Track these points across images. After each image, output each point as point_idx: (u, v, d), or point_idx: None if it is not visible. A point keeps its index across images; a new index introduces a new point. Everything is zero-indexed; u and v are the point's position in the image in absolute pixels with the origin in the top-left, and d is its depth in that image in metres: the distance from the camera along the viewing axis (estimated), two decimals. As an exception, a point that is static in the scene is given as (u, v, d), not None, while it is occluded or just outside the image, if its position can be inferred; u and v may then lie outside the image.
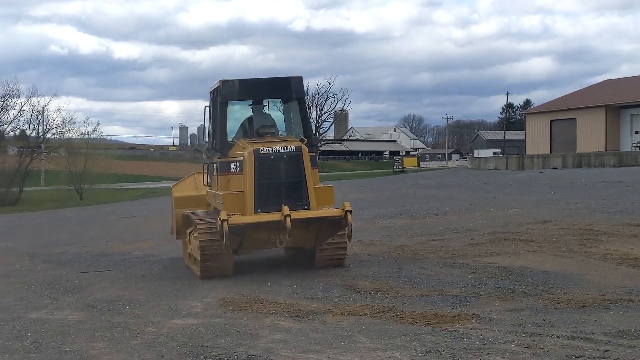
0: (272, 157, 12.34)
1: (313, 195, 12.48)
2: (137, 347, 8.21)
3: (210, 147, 14.01)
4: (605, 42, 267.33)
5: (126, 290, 12.18)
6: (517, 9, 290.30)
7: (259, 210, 12.19)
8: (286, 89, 13.71)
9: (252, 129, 13.62)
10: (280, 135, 13.76)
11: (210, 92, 14.10)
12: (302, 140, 12.93)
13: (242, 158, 12.43)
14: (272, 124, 13.79)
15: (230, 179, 12.79)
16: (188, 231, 14.22)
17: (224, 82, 13.27)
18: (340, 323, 9.02)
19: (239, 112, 14.24)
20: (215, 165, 13.59)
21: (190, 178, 16.02)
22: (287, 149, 12.44)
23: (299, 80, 13.64)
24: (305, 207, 12.38)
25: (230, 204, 12.24)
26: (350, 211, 12.28)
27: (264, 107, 14.08)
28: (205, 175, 14.50)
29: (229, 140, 13.32)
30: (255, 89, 13.70)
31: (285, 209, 11.89)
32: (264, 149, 12.41)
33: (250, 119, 13.86)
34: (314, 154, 12.95)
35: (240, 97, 13.61)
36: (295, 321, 9.23)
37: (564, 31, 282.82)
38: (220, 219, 11.74)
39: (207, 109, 14.15)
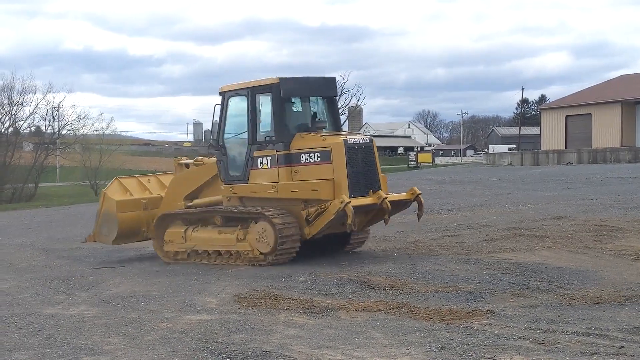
0: (356, 147, 13.46)
1: (381, 182, 13.73)
2: (151, 343, 8.24)
3: (250, 141, 14.09)
4: (621, 37, 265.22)
5: (141, 285, 12.23)
6: (533, 4, 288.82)
7: (352, 196, 13.07)
8: (331, 87, 14.86)
9: (296, 124, 14.19)
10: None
11: (260, 87, 14.16)
12: None
13: (328, 148, 13.27)
14: (323, 119, 14.56)
15: (299, 169, 13.53)
16: (179, 230, 14.65)
17: (284, 80, 13.93)
18: (354, 319, 9.02)
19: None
20: (268, 158, 13.80)
21: (117, 183, 16.28)
22: (363, 141, 13.75)
23: (335, 80, 15.03)
24: (380, 192, 13.53)
25: (326, 190, 13.10)
26: (420, 194, 14.10)
27: (292, 104, 14.50)
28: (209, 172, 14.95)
29: (224, 137, 14.46)
30: (309, 87, 14.57)
31: (382, 193, 13.32)
32: (350, 140, 13.51)
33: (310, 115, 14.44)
34: None
35: (298, 94, 14.34)
36: (309, 317, 9.24)
37: (580, 26, 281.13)
38: (342, 202, 12.72)
39: (218, 106, 14.55)
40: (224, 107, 14.49)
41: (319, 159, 13.36)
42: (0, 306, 10.96)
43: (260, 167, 13.90)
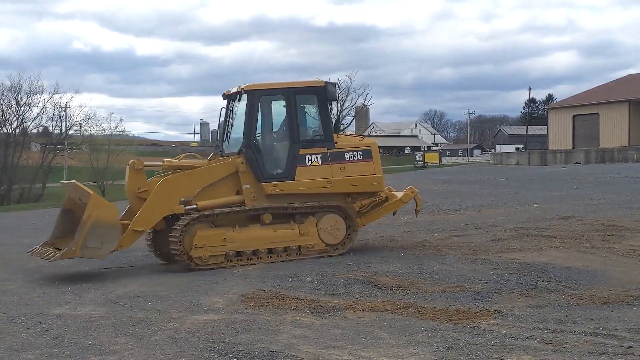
0: None
1: None
2: (159, 343, 8.24)
3: (293, 139, 14.45)
4: (630, 36, 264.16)
5: (148, 286, 12.23)
6: (541, 3, 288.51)
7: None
8: None
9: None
10: None
11: (303, 89, 14.86)
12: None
13: (369, 147, 14.94)
14: None
15: (345, 166, 14.66)
16: (216, 232, 13.77)
17: (328, 83, 14.94)
18: (361, 319, 9.01)
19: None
20: (318, 155, 14.51)
21: (72, 187, 14.63)
22: None
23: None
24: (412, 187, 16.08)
25: (381, 184, 15.06)
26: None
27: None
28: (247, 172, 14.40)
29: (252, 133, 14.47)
30: (336, 91, 15.73)
31: (414, 188, 15.77)
32: None
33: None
34: None
35: (334, 97, 15.31)
36: (316, 317, 9.23)
37: (589, 25, 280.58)
38: (412, 192, 15.57)
39: (250, 106, 14.46)
40: (254, 106, 14.40)
41: (361, 156, 14.74)
42: (8, 306, 10.98)
43: (309, 165, 14.41)
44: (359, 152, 14.74)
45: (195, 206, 13.99)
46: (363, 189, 14.78)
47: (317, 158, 14.50)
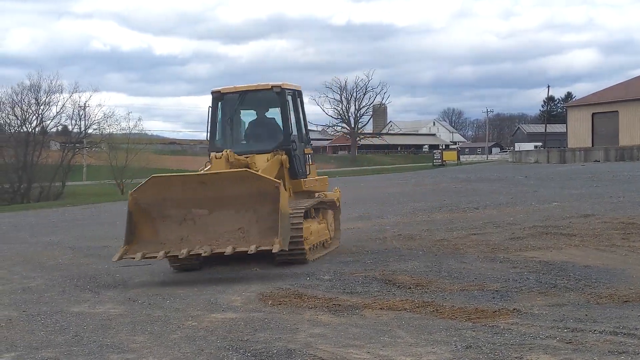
0: None
1: None
2: (177, 341, 8.25)
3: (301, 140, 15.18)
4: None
5: (166, 284, 12.27)
6: (561, 1, 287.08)
7: None
8: None
9: None
10: None
11: (296, 91, 15.30)
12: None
13: (312, 152, 15.75)
14: None
15: (310, 167, 15.60)
16: (307, 225, 13.54)
17: None
18: (379, 318, 8.98)
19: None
20: (310, 155, 15.55)
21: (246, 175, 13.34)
22: None
23: None
24: None
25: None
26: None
27: None
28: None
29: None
30: None
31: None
32: None
33: None
34: None
35: None
36: (334, 316, 9.21)
37: (608, 23, 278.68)
38: (338, 193, 16.49)
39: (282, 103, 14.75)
40: (287, 104, 14.76)
41: (310, 159, 15.52)
42: (27, 304, 11.04)
43: (310, 163, 15.37)
44: (309, 155, 15.61)
45: None
46: (322, 188, 15.89)
47: (309, 157, 15.38)
